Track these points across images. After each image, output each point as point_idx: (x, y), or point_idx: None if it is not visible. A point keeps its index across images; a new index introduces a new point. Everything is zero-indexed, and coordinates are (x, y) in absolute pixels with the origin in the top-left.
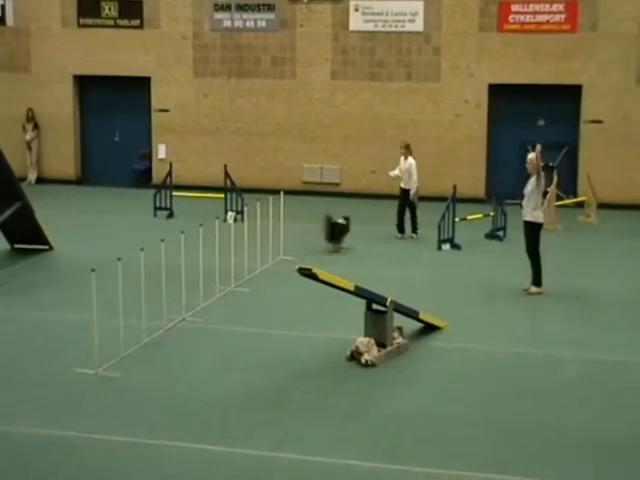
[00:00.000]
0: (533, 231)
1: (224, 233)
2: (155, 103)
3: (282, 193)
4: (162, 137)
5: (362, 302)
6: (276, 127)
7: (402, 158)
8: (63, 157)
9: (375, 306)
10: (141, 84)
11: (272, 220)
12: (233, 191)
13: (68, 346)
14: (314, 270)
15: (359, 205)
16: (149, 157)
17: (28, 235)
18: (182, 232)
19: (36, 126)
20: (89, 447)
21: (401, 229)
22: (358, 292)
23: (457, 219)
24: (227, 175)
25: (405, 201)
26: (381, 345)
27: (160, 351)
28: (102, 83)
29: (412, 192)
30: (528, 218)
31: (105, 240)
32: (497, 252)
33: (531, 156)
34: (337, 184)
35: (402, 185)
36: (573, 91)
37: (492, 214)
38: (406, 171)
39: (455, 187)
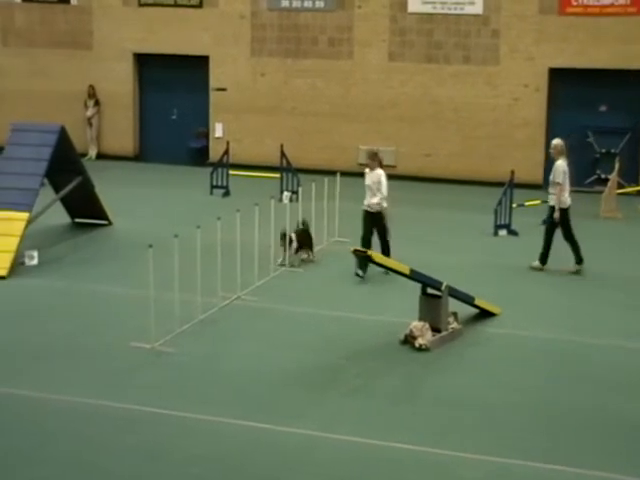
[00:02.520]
0: (562, 216)
1: (279, 213)
2: (213, 82)
3: (338, 174)
4: (219, 116)
5: (416, 286)
6: (332, 108)
7: (367, 170)
8: (122, 134)
9: (430, 290)
10: (199, 63)
11: (327, 201)
12: (289, 171)
13: (124, 320)
14: (369, 252)
15: (413, 188)
16: (206, 135)
17: (88, 210)
18: (238, 210)
19: (97, 103)
20: (140, 420)
21: (363, 266)
22: (413, 276)
23: (514, 205)
24: (283, 155)
25: (373, 224)
26: (435, 330)
27: (214, 328)
28: (161, 61)
29: (384, 205)
30: (552, 203)
31: (162, 217)
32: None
33: (555, 141)
34: (392, 166)
35: (365, 203)
36: (638, 76)
37: None
38: (373, 184)
39: (513, 172)
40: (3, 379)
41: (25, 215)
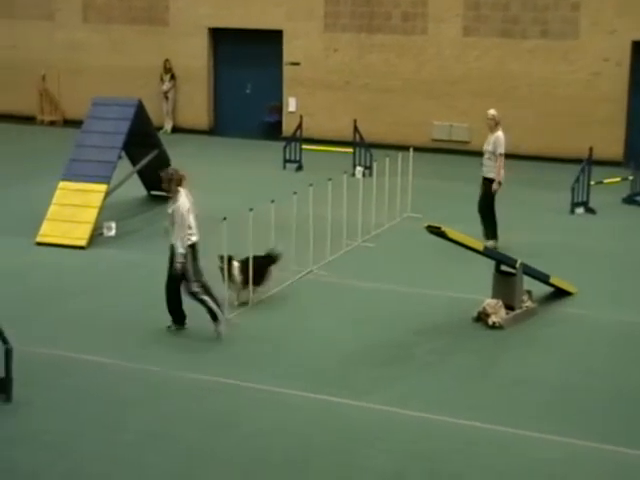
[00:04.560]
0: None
1: (352, 188)
2: (286, 56)
3: (411, 150)
4: (292, 90)
5: (489, 263)
6: (405, 83)
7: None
8: (197, 108)
9: (504, 268)
10: (273, 37)
11: (400, 177)
12: (362, 146)
13: None
14: (443, 228)
15: None
16: (279, 110)
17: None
18: (311, 185)
19: (173, 77)
20: (212, 390)
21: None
22: (487, 253)
23: (592, 182)
24: (356, 130)
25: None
26: (509, 308)
27: (286, 302)
28: (236, 36)
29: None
30: (490, 175)
31: (235, 190)
32: (635, 218)
33: (493, 111)
34: (467, 142)
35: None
36: None
37: (631, 178)
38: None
39: (591, 149)
40: (81, 348)
41: (103, 187)
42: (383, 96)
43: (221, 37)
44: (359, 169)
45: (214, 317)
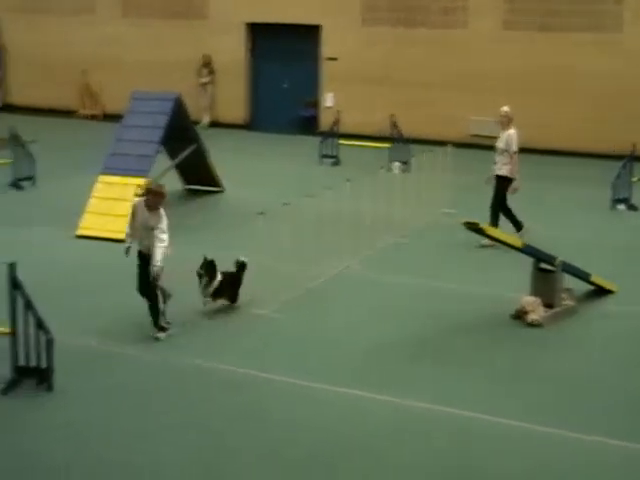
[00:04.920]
0: (506, 186)
1: (389, 183)
2: (324, 51)
3: (449, 146)
4: (329, 85)
5: (527, 260)
6: (443, 78)
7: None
8: (234, 102)
9: (543, 265)
10: (311, 32)
11: (437, 172)
12: (399, 141)
13: None
14: (481, 225)
15: (527, 160)
16: (315, 105)
17: (201, 177)
18: (348, 180)
19: (211, 72)
20: (246, 383)
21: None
22: (526, 250)
23: (634, 178)
24: (394, 125)
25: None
26: (548, 306)
27: (322, 296)
28: (273, 31)
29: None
30: (503, 173)
31: (272, 185)
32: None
33: (506, 109)
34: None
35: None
36: None
37: None
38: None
39: (634, 145)
40: (118, 340)
41: (142, 181)
42: (421, 91)
43: (259, 32)
44: (396, 164)
45: (156, 322)
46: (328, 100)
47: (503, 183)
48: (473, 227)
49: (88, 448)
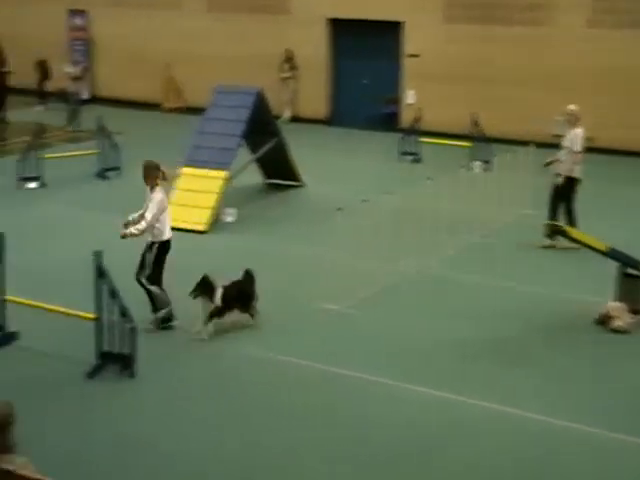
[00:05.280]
0: (573, 186)
1: (469, 182)
2: (406, 48)
3: (532, 145)
4: (411, 82)
5: (610, 264)
6: (526, 76)
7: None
8: (315, 97)
9: (630, 270)
10: (393, 29)
11: (519, 172)
12: (480, 140)
13: (312, 280)
14: (564, 227)
15: (612, 162)
16: (396, 101)
17: (281, 171)
18: (428, 178)
19: (293, 67)
20: (320, 378)
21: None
22: (611, 254)
23: None
24: (475, 123)
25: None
26: (634, 312)
27: (398, 294)
28: (355, 27)
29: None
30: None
31: (351, 181)
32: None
33: (573, 107)
34: (589, 139)
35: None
36: None
37: None
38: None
39: None
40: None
41: (223, 174)
42: (503, 89)
43: (340, 27)
44: (477, 163)
45: (155, 308)
46: (409, 97)
47: (570, 183)
48: (556, 229)
49: (166, 435)
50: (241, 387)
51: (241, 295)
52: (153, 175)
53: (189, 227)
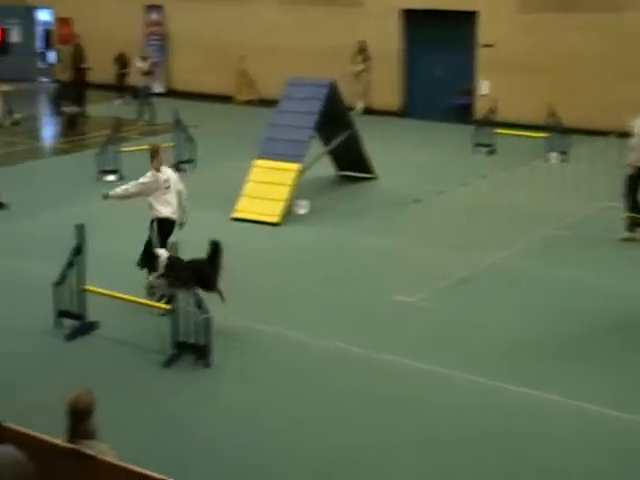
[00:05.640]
0: None
1: (546, 174)
2: (480, 39)
3: (612, 136)
4: (485, 73)
5: None
6: (603, 64)
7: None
8: (388, 89)
9: None
10: (467, 19)
11: (597, 164)
12: (557, 130)
13: (386, 272)
14: None
15: None
16: (470, 93)
17: (354, 163)
18: (504, 170)
19: (366, 58)
20: (393, 371)
21: None
22: None
23: None
24: (552, 114)
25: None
26: None
27: (473, 287)
28: (428, 17)
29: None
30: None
31: (425, 173)
32: None
33: None
34: None
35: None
36: None
37: None
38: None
39: None
40: (271, 321)
41: (296, 166)
42: (581, 78)
43: (414, 18)
44: (554, 155)
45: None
46: (483, 88)
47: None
48: (636, 221)
49: (240, 425)
50: (314, 379)
51: (200, 271)
52: (158, 157)
53: (262, 219)
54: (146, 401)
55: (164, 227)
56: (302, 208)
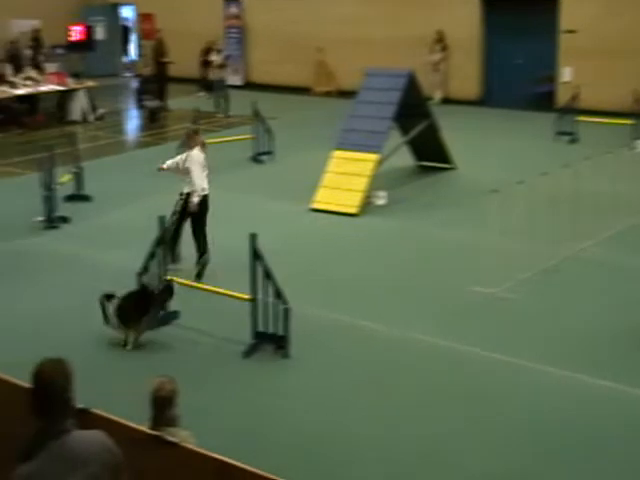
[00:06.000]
0: None
1: (631, 162)
2: (563, 24)
3: None
4: (567, 59)
5: None
6: None
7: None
8: (467, 78)
9: None
10: (549, 4)
11: None
12: None
13: (465, 264)
14: None
15: None
16: (551, 80)
17: (433, 153)
18: (587, 159)
19: (444, 48)
20: (473, 362)
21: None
22: None
23: None
24: (638, 100)
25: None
26: None
27: (556, 279)
28: (509, 4)
29: (194, 200)
30: None
31: (505, 163)
32: None
33: None
34: None
35: (184, 190)
36: None
37: None
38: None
39: None
40: (352, 312)
41: (374, 156)
42: None
43: (494, 5)
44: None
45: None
46: (566, 75)
47: None
48: None
49: (320, 414)
50: (393, 369)
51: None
52: (193, 140)
53: (340, 210)
54: (227, 390)
55: (206, 203)
56: (380, 199)
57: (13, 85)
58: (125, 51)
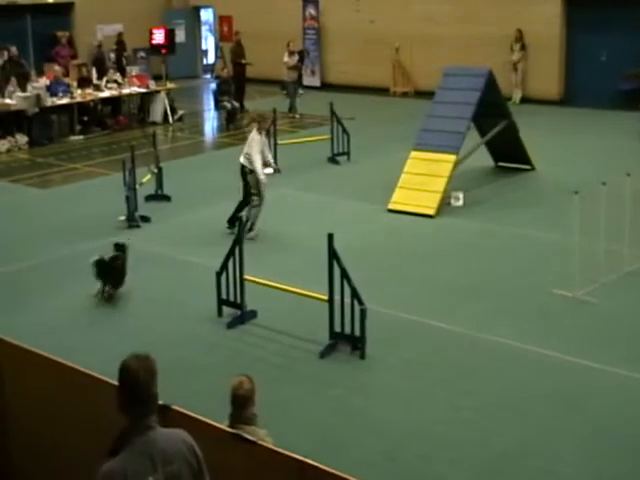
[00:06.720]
0: None
1: None
2: None
3: None
4: None
5: None
6: None
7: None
8: (547, 77)
9: None
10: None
11: None
12: None
13: (547, 265)
14: None
15: None
16: (637, 77)
17: (511, 154)
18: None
19: (523, 47)
20: (558, 367)
21: (232, 222)
22: None
23: None
24: None
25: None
26: None
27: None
28: (593, 0)
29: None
30: None
31: (587, 163)
32: None
33: None
34: None
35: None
36: None
37: None
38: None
39: None
40: (427, 313)
41: (452, 157)
42: None
43: (577, 3)
44: None
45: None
46: None
47: None
48: None
49: (399, 414)
50: (471, 371)
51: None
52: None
53: (418, 211)
54: (305, 389)
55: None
56: (458, 200)
57: (98, 88)
58: (205, 53)
